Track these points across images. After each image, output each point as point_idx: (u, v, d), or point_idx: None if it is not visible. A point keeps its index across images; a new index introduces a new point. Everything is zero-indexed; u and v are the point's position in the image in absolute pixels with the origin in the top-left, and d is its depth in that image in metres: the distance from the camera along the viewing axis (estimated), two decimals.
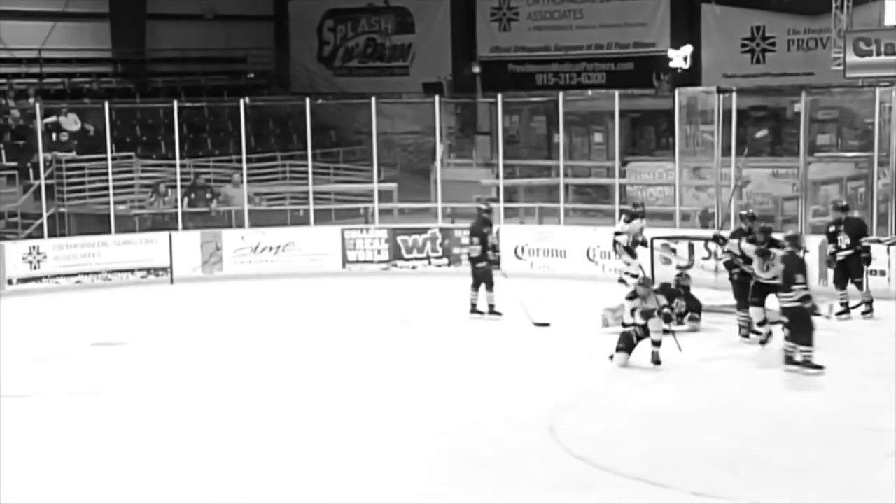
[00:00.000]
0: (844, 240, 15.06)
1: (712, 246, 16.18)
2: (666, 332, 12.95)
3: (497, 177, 21.42)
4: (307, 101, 20.54)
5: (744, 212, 14.54)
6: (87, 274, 19.10)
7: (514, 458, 9.90)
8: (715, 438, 10.37)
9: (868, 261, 15.15)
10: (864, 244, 15.16)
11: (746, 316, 13.93)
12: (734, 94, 18.54)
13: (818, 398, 11.69)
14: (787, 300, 12.31)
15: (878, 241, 16.74)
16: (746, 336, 13.94)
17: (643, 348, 12.82)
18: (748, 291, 13.78)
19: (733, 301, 14.23)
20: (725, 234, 14.80)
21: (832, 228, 15.25)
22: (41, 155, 20.44)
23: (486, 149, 25.69)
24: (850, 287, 15.12)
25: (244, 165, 20.91)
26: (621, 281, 16.54)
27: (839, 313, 14.96)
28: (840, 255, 15.10)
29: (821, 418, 10.92)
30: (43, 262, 18.79)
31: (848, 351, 13.57)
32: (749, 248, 13.50)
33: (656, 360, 12.77)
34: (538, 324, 14.84)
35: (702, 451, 10.01)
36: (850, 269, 15.08)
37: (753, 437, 10.37)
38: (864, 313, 15.11)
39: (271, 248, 19.75)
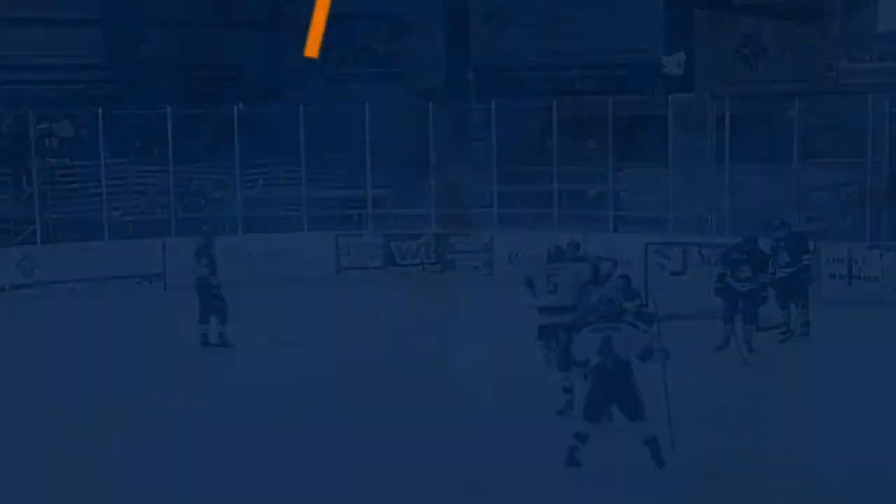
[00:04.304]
0: (784, 257, 14.50)
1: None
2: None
3: (491, 183, 21.41)
4: (301, 107, 20.51)
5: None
6: (81, 280, 19.06)
7: (504, 466, 9.87)
8: (706, 447, 10.36)
9: (809, 280, 14.71)
10: (806, 262, 14.69)
11: (730, 328, 13.96)
12: (727, 101, 18.59)
13: (810, 407, 11.68)
14: None
15: (878, 248, 16.74)
16: (722, 348, 13.94)
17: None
18: (732, 305, 13.89)
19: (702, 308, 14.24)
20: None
21: (773, 245, 14.71)
22: (34, 161, 20.44)
23: (480, 155, 25.67)
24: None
25: (237, 172, 20.92)
26: None
27: (783, 333, 14.59)
28: (781, 273, 14.52)
29: (813, 427, 10.90)
30: (36, 269, 18.76)
31: (843, 359, 13.60)
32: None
33: (571, 459, 9.59)
34: None
35: (695, 459, 10.00)
36: (793, 289, 14.49)
37: (746, 444, 10.36)
38: (802, 335, 14.54)
39: (265, 255, 19.72)
